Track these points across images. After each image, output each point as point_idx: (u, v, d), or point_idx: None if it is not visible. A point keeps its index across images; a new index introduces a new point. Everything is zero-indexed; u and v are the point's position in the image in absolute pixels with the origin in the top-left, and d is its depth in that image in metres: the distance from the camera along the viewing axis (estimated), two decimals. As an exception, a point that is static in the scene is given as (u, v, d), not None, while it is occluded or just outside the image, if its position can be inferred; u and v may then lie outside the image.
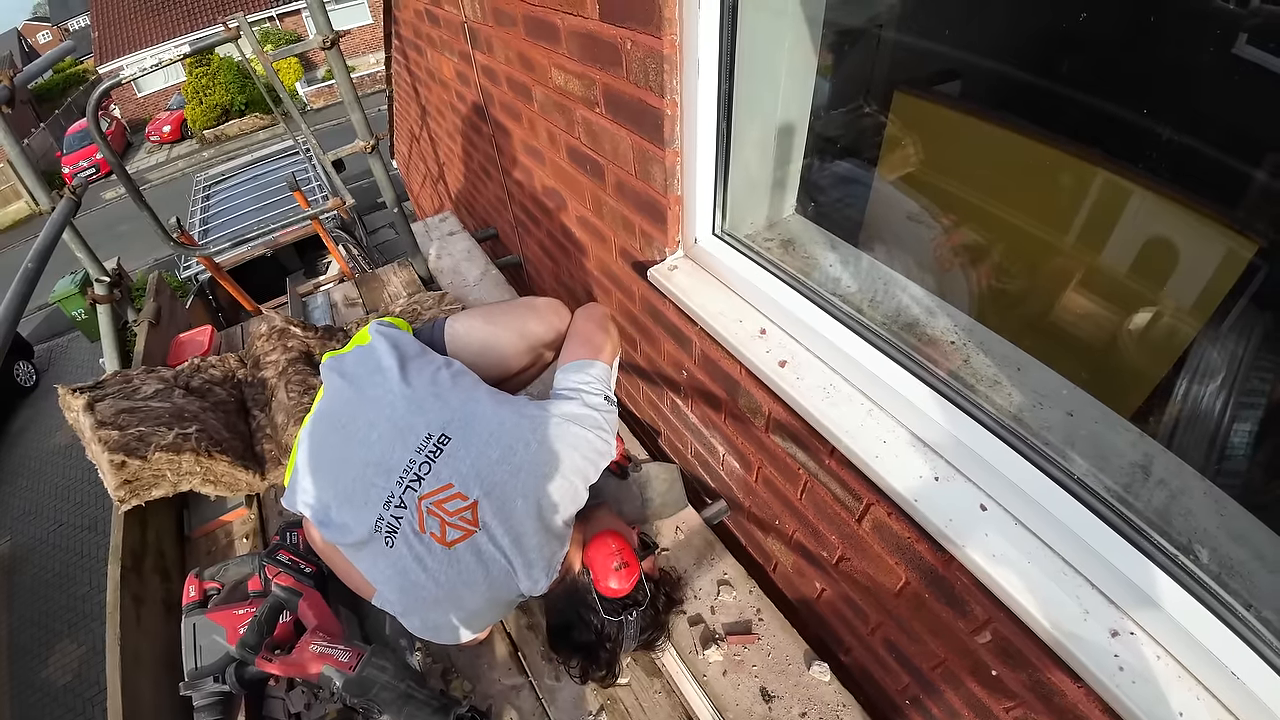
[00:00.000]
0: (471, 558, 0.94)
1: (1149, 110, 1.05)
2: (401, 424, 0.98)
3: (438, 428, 0.97)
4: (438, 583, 0.94)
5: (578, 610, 1.07)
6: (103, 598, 1.26)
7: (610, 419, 1.06)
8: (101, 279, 2.06)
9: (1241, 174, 0.97)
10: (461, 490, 0.93)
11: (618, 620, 1.06)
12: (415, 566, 0.93)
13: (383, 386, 1.03)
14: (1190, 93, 1.05)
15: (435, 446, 0.96)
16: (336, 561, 1.07)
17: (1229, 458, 0.94)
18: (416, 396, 1.01)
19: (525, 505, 0.95)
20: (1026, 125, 1.21)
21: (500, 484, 0.95)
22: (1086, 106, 1.16)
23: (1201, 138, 1.02)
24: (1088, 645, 0.70)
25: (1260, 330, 0.98)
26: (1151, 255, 1.09)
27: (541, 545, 0.97)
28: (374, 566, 0.96)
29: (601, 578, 1.05)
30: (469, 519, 0.93)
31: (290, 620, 1.13)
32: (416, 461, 0.95)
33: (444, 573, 0.94)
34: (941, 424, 0.88)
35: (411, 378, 1.03)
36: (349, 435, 1.00)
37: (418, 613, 0.98)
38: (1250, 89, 0.98)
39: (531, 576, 0.97)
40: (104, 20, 18.44)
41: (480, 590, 0.96)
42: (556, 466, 0.98)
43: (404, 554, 0.93)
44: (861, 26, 1.47)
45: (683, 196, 1.20)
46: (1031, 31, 1.26)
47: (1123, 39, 1.09)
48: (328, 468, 1.01)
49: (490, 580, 0.96)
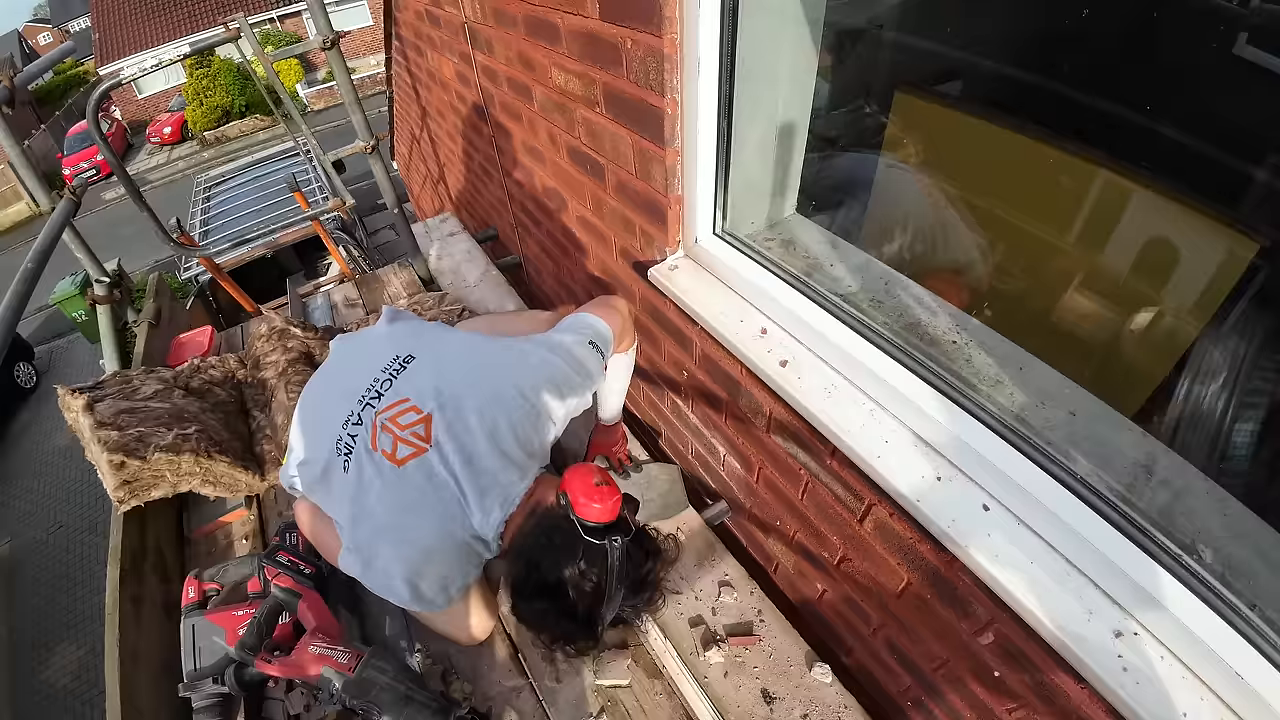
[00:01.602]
0: (421, 478, 0.91)
1: (1150, 110, 1.06)
2: (375, 355, 1.00)
3: (406, 350, 0.98)
4: (386, 507, 0.91)
5: (549, 537, 0.93)
6: (102, 599, 1.26)
7: (592, 364, 1.01)
8: (102, 280, 2.05)
9: (1242, 174, 0.97)
10: (417, 403, 0.92)
11: (601, 545, 0.91)
12: (365, 492, 0.91)
13: (370, 334, 1.08)
14: (1191, 93, 1.05)
15: (400, 365, 0.96)
16: (321, 536, 1.06)
17: (1231, 457, 0.94)
18: (395, 334, 1.04)
19: (480, 423, 0.92)
20: (1027, 125, 1.21)
21: (456, 398, 0.92)
22: (1087, 106, 1.16)
23: (1202, 138, 1.02)
24: (1091, 646, 0.70)
25: (1262, 330, 0.98)
26: (1153, 255, 1.09)
27: (496, 471, 0.92)
28: (330, 498, 0.95)
29: (581, 496, 0.92)
30: (421, 435, 0.91)
31: (290, 621, 1.13)
32: (379, 380, 0.95)
33: (392, 496, 0.91)
34: (944, 424, 0.88)
35: (398, 325, 1.08)
36: (330, 382, 1.04)
37: (365, 549, 0.93)
38: (1251, 89, 0.98)
39: (484, 507, 0.92)
40: (104, 22, 18.46)
41: (428, 521, 0.92)
42: (518, 385, 0.95)
43: (356, 477, 0.92)
44: (862, 27, 1.47)
45: (683, 196, 1.20)
46: (1032, 31, 1.26)
47: (1123, 39, 1.09)
48: (309, 415, 1.03)
49: (440, 508, 0.91)
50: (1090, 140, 1.11)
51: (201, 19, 18.09)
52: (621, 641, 1.26)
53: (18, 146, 1.82)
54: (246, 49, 1.76)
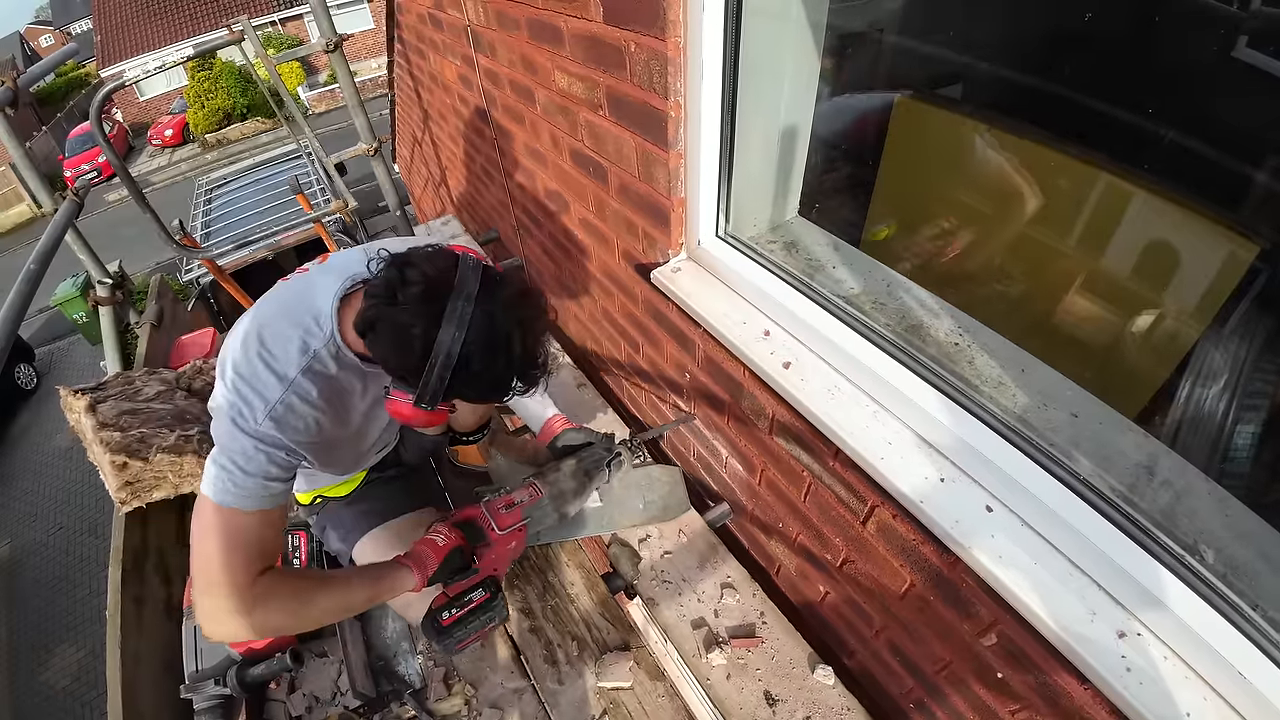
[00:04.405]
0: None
1: (1150, 113, 1.06)
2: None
3: None
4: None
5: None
6: (103, 600, 1.26)
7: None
8: (104, 281, 2.06)
9: (1243, 176, 0.98)
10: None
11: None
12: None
13: None
14: (1191, 95, 1.05)
15: None
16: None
17: (1233, 458, 0.95)
18: None
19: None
20: (1028, 128, 1.21)
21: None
22: (1088, 109, 1.16)
23: (1203, 140, 1.02)
24: (1095, 646, 0.70)
25: (1263, 332, 0.98)
26: (1154, 257, 1.09)
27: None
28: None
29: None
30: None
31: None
32: None
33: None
34: (946, 425, 0.88)
35: None
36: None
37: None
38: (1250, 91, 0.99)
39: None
40: (106, 24, 18.52)
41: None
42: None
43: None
44: (863, 30, 1.48)
45: (686, 199, 1.20)
46: (1033, 34, 1.26)
47: (1124, 42, 1.10)
48: None
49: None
50: (1091, 143, 1.12)
51: (202, 21, 18.15)
52: (624, 643, 1.27)
53: (20, 148, 1.83)
54: (250, 52, 1.77)
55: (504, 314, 0.83)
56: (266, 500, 0.86)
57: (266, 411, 0.84)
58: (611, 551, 1.44)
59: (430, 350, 0.80)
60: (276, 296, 0.97)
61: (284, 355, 0.88)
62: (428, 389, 0.82)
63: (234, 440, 0.84)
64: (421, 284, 0.80)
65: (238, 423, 0.84)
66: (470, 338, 0.80)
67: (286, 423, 0.86)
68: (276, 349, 0.88)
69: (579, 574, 1.41)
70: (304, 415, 0.88)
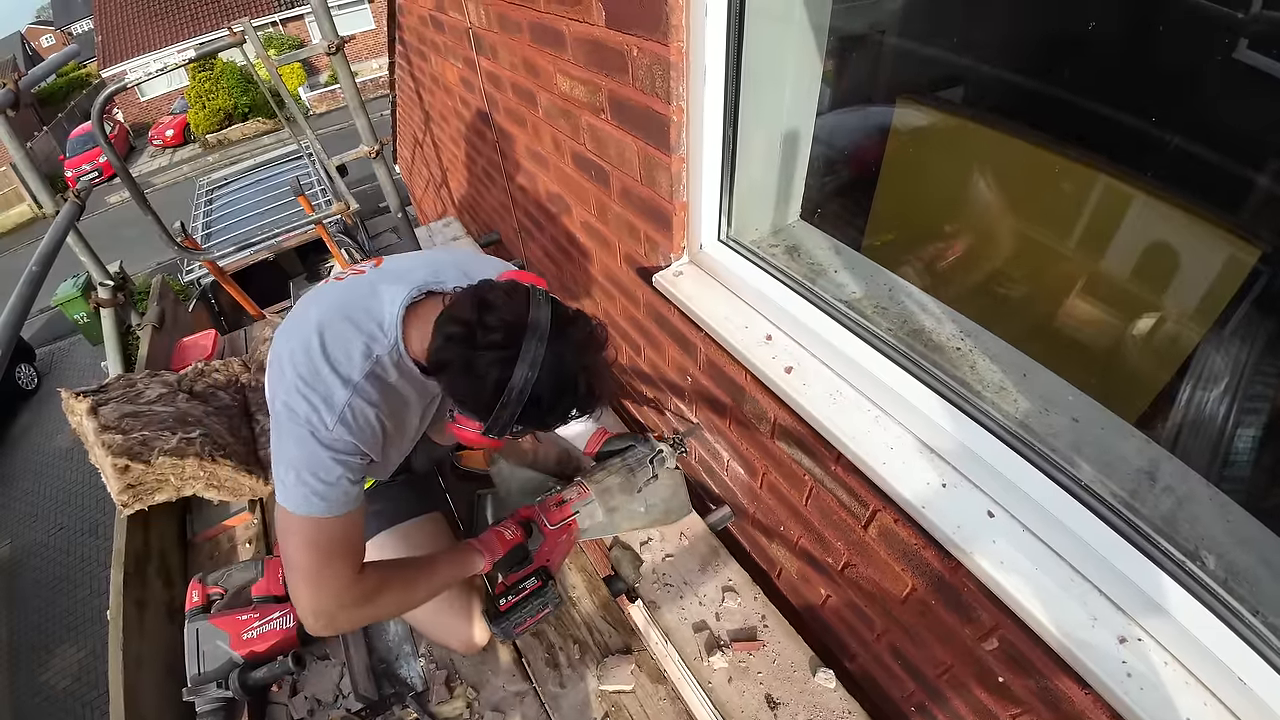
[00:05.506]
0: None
1: (1151, 116, 1.06)
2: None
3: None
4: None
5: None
6: (103, 601, 1.26)
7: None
8: (105, 282, 2.06)
9: (1244, 179, 0.98)
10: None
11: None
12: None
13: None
14: (1193, 98, 1.05)
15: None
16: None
17: (1234, 463, 0.94)
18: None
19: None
20: (1029, 131, 1.21)
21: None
22: (1089, 112, 1.16)
23: (1204, 143, 1.02)
24: (1096, 652, 0.70)
25: (1264, 336, 0.98)
26: (1154, 261, 1.09)
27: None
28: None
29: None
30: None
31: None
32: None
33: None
34: (948, 430, 0.88)
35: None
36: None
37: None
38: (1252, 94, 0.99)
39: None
40: (107, 25, 18.51)
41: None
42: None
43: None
44: (865, 33, 1.48)
45: (688, 202, 1.20)
46: (1034, 37, 1.26)
47: (1125, 44, 1.10)
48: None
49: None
50: (1092, 146, 1.12)
51: (203, 22, 18.15)
52: (625, 647, 1.27)
53: (22, 149, 1.83)
54: (251, 53, 1.77)
55: (574, 356, 0.85)
56: (351, 503, 0.90)
57: (337, 417, 0.87)
58: (613, 555, 1.44)
59: (502, 389, 0.82)
60: (331, 299, 0.98)
61: (346, 359, 0.90)
62: (498, 423, 0.85)
63: (310, 453, 0.86)
64: (501, 331, 0.82)
65: (315, 434, 0.86)
66: (541, 378, 0.82)
67: (354, 425, 0.89)
68: (338, 352, 0.90)
69: (580, 577, 1.41)
70: (369, 416, 0.91)
